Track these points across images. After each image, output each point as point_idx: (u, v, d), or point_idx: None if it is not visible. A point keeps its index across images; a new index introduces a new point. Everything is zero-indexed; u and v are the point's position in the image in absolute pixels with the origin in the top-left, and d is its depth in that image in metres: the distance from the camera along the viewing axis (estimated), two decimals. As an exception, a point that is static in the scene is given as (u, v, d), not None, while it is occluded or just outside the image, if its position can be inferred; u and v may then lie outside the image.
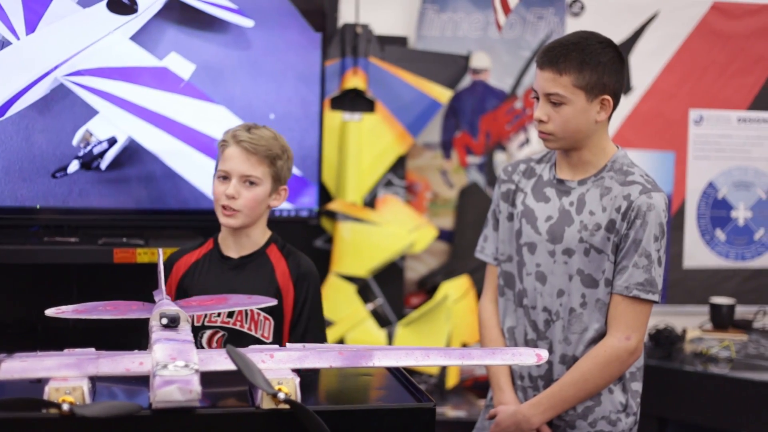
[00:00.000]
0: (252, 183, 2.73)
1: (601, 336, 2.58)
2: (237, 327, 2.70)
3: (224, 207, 2.73)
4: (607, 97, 2.51)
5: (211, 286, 2.70)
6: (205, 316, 2.71)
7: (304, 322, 2.76)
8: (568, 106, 2.50)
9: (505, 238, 2.75)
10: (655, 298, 2.53)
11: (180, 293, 2.75)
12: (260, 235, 2.83)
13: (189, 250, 2.87)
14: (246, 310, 2.71)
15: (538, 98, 2.56)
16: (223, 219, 2.75)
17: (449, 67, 4.43)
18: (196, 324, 2.70)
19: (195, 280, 2.77)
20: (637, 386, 2.67)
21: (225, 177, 2.75)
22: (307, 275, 2.81)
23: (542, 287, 2.63)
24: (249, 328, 2.69)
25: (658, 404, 3.90)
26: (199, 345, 2.64)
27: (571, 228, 2.57)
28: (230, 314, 2.70)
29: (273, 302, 2.57)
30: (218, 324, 2.72)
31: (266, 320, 2.71)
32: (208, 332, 2.73)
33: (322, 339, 2.80)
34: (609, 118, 2.58)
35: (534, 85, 2.57)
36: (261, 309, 2.68)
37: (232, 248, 2.81)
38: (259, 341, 2.68)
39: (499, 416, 2.67)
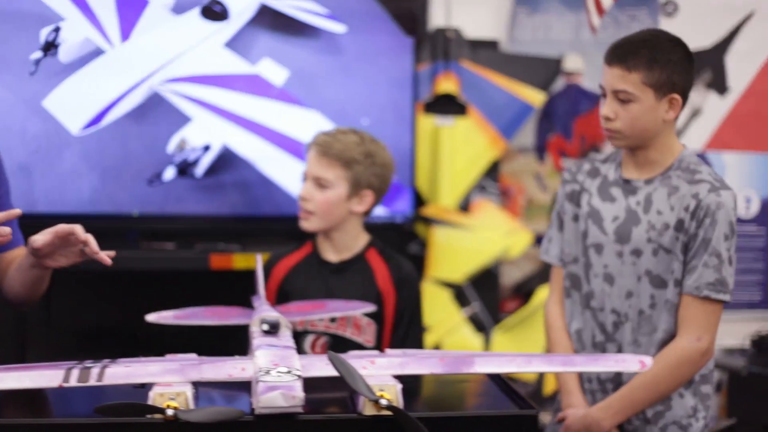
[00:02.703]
0: (323, 185, 2.72)
1: (670, 337, 2.54)
2: (339, 332, 2.70)
3: (300, 208, 2.75)
4: (676, 95, 2.48)
5: (312, 290, 2.69)
6: (308, 321, 2.71)
7: (405, 327, 2.74)
8: (636, 104, 2.47)
9: (571, 239, 2.72)
10: (726, 297, 2.49)
11: (281, 297, 2.76)
12: (353, 239, 2.82)
13: (285, 254, 2.87)
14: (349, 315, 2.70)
15: (605, 95, 2.53)
16: (299, 222, 2.77)
17: (541, 69, 4.39)
18: (298, 328, 2.70)
19: (296, 284, 2.77)
20: (707, 389, 2.63)
21: (305, 179, 2.78)
22: (409, 279, 2.80)
23: (610, 289, 2.60)
24: (352, 333, 2.68)
25: (761, 411, 3.82)
26: (301, 350, 2.65)
27: (639, 228, 2.55)
28: (333, 319, 2.69)
29: (372, 308, 2.57)
30: (320, 329, 2.72)
31: (369, 325, 2.70)
32: (310, 337, 2.73)
33: (420, 343, 2.79)
34: (676, 117, 2.54)
35: (602, 82, 2.54)
36: (364, 313, 2.67)
37: (330, 252, 2.81)
38: (361, 346, 2.67)
39: (569, 419, 2.63)
